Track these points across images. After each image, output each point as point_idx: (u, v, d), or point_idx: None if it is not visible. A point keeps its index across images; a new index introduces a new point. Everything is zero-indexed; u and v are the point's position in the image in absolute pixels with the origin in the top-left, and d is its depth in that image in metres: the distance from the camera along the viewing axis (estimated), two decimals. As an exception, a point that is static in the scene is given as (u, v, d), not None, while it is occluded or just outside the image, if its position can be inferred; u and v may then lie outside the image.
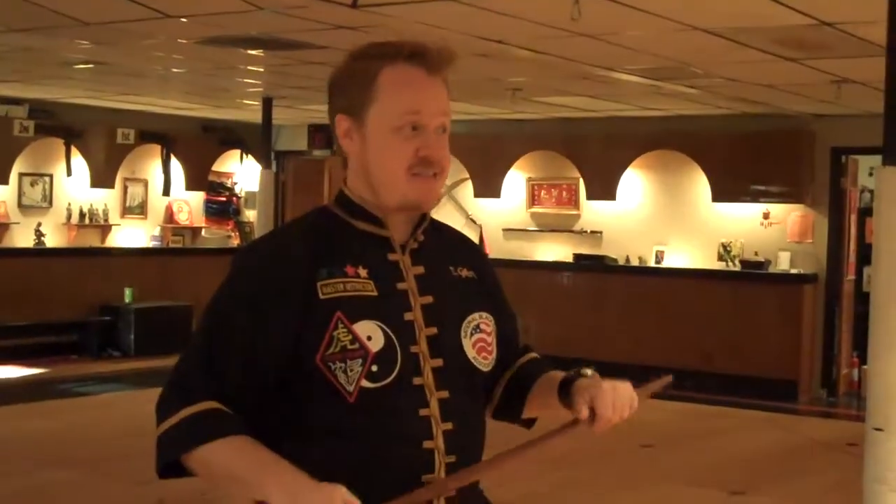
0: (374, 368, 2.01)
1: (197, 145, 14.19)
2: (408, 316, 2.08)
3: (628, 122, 12.24)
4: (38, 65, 9.70)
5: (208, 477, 2.03)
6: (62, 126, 12.81)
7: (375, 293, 2.06)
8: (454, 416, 2.08)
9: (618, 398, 2.09)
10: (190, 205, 14.38)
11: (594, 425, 2.08)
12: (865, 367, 11.19)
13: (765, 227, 11.87)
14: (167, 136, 13.79)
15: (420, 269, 2.13)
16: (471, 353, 2.13)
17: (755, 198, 11.75)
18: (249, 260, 2.15)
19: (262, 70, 9.86)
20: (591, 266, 12.53)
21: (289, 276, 2.04)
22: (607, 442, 2.18)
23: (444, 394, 2.08)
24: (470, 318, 2.15)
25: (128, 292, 13.00)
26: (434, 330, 2.09)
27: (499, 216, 13.17)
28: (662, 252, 12.33)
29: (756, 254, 11.82)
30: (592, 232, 12.69)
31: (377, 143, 2.08)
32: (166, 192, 13.92)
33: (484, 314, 2.18)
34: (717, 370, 11.68)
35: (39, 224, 12.75)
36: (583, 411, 2.08)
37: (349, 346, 2.00)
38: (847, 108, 10.22)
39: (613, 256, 12.48)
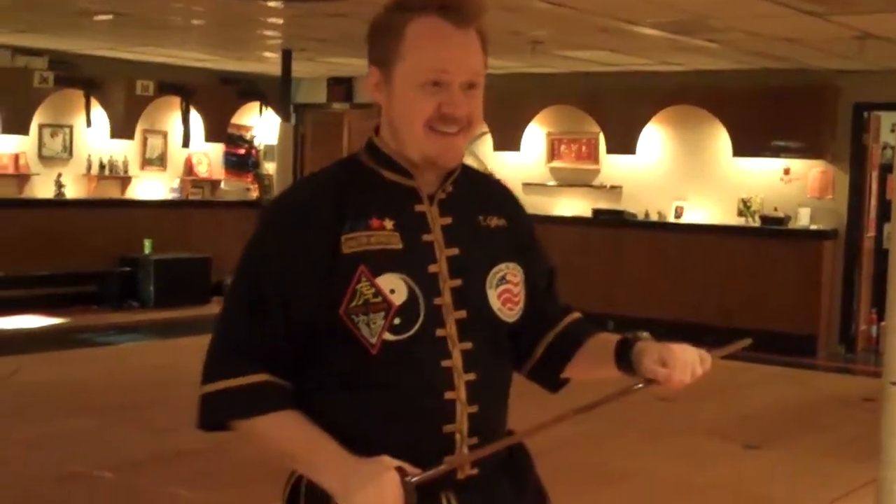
0: (397, 321, 2.01)
1: (216, 97, 14.19)
2: (432, 268, 2.06)
3: (648, 76, 12.18)
4: (58, 15, 9.70)
5: (260, 448, 2.06)
6: (82, 77, 12.82)
7: (400, 246, 2.05)
8: (477, 367, 2.07)
9: (688, 357, 2.08)
10: (209, 157, 14.40)
11: (669, 385, 2.07)
12: (884, 323, 11.23)
13: (785, 183, 11.82)
14: (186, 87, 13.78)
15: (447, 220, 2.11)
16: (495, 304, 2.10)
17: (776, 153, 11.69)
18: (276, 217, 2.13)
19: (281, 22, 9.83)
20: (611, 221, 12.51)
21: (314, 231, 2.04)
22: (631, 396, 2.17)
23: (468, 345, 2.07)
24: (496, 268, 2.13)
25: (147, 244, 13.04)
26: (459, 282, 2.08)
27: (518, 170, 13.14)
28: (682, 207, 12.30)
29: (776, 209, 11.78)
30: (612, 187, 12.67)
31: (402, 98, 2.06)
32: (185, 144, 13.94)
33: (511, 265, 2.15)
34: (736, 325, 11.64)
35: (60, 175, 12.81)
36: (659, 372, 2.06)
37: (372, 300, 2.00)
38: (870, 63, 10.15)
39: (633, 211, 12.46)
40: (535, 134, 13.06)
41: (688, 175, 12.32)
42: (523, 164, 13.16)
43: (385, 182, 2.11)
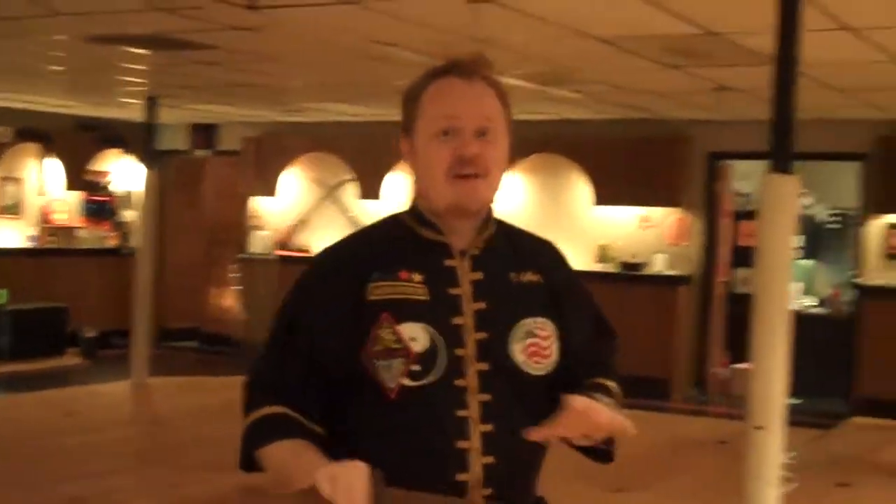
0: (416, 368, 2.09)
1: (75, 144, 13.95)
2: (457, 320, 2.14)
3: (513, 125, 12.38)
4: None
5: (270, 473, 2.13)
6: (-65, 123, 12.52)
7: (426, 297, 2.14)
8: (496, 418, 2.13)
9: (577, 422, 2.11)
10: (67, 204, 14.14)
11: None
12: (736, 366, 11.60)
13: (643, 230, 12.17)
14: (45, 134, 13.53)
15: (478, 275, 2.20)
16: (520, 357, 2.17)
17: (634, 201, 12.04)
18: (313, 267, 2.28)
19: (145, 69, 9.75)
20: (474, 267, 12.64)
21: (345, 280, 2.16)
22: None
23: (487, 397, 2.13)
24: (522, 322, 2.20)
25: (2, 294, 12.71)
26: (484, 334, 2.15)
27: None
28: (543, 254, 12.52)
29: (634, 256, 12.10)
30: (474, 234, 12.84)
31: (422, 153, 2.20)
32: (43, 191, 13.68)
33: (540, 319, 2.22)
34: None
35: (-90, 223, 12.45)
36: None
37: (393, 346, 2.09)
38: (723, 114, 10.55)
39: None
40: (398, 181, 13.17)
41: (550, 222, 12.54)
42: (385, 212, 13.22)
43: (419, 238, 2.23)
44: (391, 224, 2.30)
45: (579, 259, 12.34)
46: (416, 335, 2.11)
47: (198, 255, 14.77)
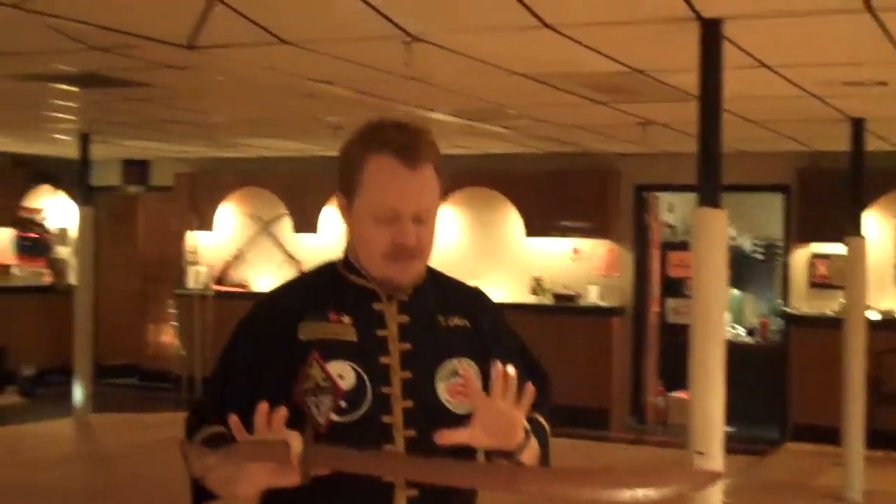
0: (343, 404, 2.21)
1: (7, 180, 13.90)
2: (384, 360, 2.28)
3: (442, 159, 12.52)
4: None
5: (216, 486, 2.20)
6: None
7: (354, 339, 2.28)
8: (418, 453, 2.24)
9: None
10: (0, 242, 14.06)
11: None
12: (671, 394, 11.79)
13: (574, 262, 12.35)
14: (-25, 171, 13.50)
15: (405, 318, 2.34)
16: (444, 395, 2.29)
17: (564, 233, 12.23)
18: (253, 310, 2.40)
19: (77, 106, 9.76)
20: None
21: (280, 322, 2.29)
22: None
23: (412, 432, 2.25)
24: (447, 363, 2.33)
25: (-65, 332, 12.65)
26: (409, 374, 2.28)
27: (317, 251, 13.29)
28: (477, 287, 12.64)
29: (566, 287, 12.27)
30: (409, 267, 12.94)
31: (360, 228, 2.33)
32: (-26, 228, 13.61)
33: (465, 360, 2.35)
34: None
35: None
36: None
37: (321, 383, 2.20)
38: (650, 147, 10.77)
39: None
40: (333, 215, 13.25)
41: (482, 254, 12.73)
42: (322, 246, 13.31)
43: (350, 284, 2.35)
44: (325, 271, 2.44)
45: (513, 291, 12.51)
46: (343, 373, 2.24)
47: (134, 291, 14.73)
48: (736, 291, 13.97)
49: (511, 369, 2.19)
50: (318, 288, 2.38)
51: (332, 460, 2.10)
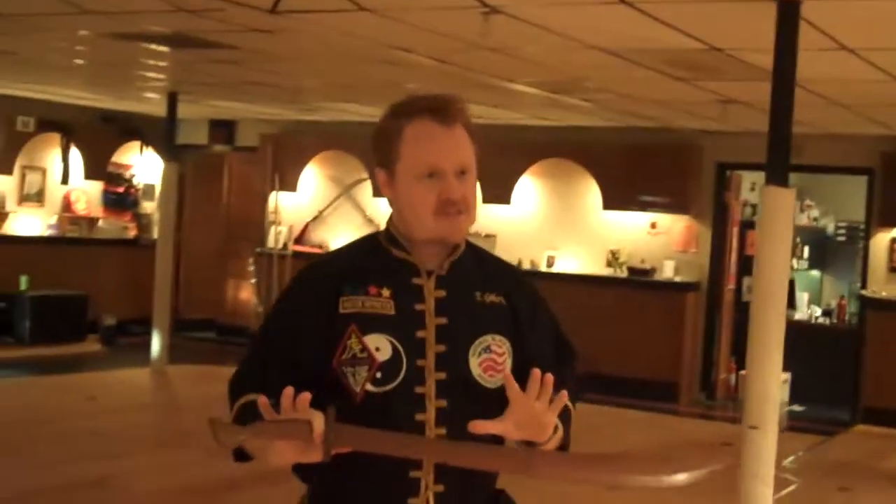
0: (379, 375, 2.32)
1: (97, 135, 14.22)
2: (420, 333, 2.37)
3: (524, 130, 12.62)
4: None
5: (255, 453, 2.31)
6: (-39, 112, 12.79)
7: (392, 312, 2.37)
8: (448, 423, 2.33)
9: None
10: (88, 194, 14.41)
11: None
12: (742, 372, 11.78)
13: (652, 236, 12.34)
14: (67, 125, 13.80)
15: (442, 293, 2.42)
16: (476, 370, 2.37)
17: (643, 207, 12.22)
18: (296, 279, 2.52)
19: (167, 65, 9.98)
20: (484, 268, 12.82)
21: (321, 294, 2.39)
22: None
23: (443, 403, 2.35)
24: (481, 339, 2.40)
25: (23, 280, 13.00)
26: (443, 347, 2.37)
27: (395, 216, 13.43)
28: (553, 257, 12.73)
29: (643, 261, 12.28)
30: (487, 236, 13.01)
31: (406, 192, 2.39)
32: (65, 181, 13.94)
33: (498, 337, 2.42)
34: (602, 372, 12.09)
35: (-65, 209, 12.73)
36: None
37: (359, 355, 2.32)
38: (731, 126, 10.72)
39: (506, 260, 12.79)
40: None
41: (560, 226, 12.78)
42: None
43: (391, 258, 2.44)
44: (367, 243, 2.52)
45: (589, 263, 12.55)
46: (380, 345, 2.34)
47: (215, 248, 15.01)
48: (815, 272, 13.88)
49: (549, 377, 2.25)
50: (361, 261, 2.46)
51: (353, 439, 2.21)
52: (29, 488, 6.88)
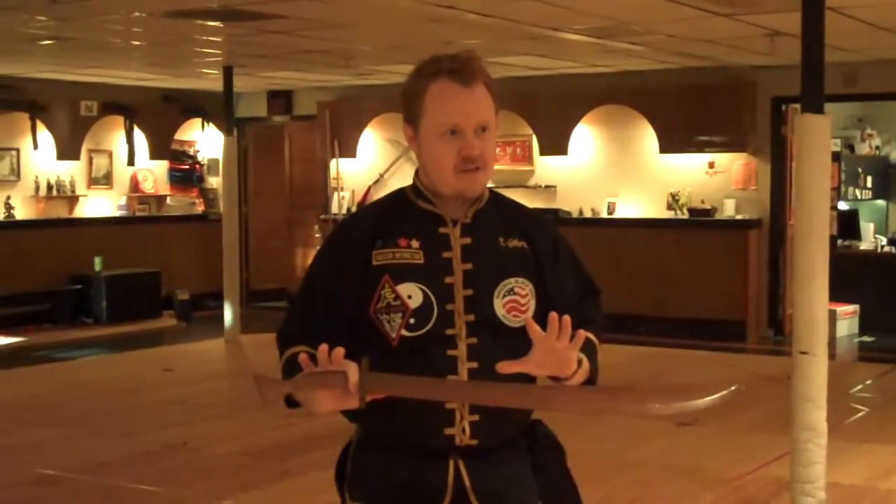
0: (412, 321, 2.51)
1: (159, 115, 14.52)
2: (448, 279, 2.55)
3: (577, 78, 12.66)
4: (1, 41, 9.99)
5: (303, 402, 2.51)
6: (27, 100, 13.08)
7: (422, 261, 2.56)
8: (479, 357, 2.52)
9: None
10: (154, 173, 14.72)
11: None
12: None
13: (710, 176, 12.35)
14: (129, 106, 14.11)
15: (467, 240, 2.60)
16: (500, 311, 2.56)
17: (700, 148, 12.22)
18: (332, 236, 2.71)
19: (220, 40, 10.17)
20: (546, 219, 12.93)
21: (356, 246, 2.58)
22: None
23: (473, 340, 2.53)
24: (505, 282, 2.58)
25: (97, 261, 13.34)
26: (470, 291, 2.55)
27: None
28: (614, 203, 12.81)
29: (703, 202, 12.31)
30: (547, 186, 13.14)
31: (429, 148, 2.57)
32: (131, 162, 14.24)
33: (521, 280, 2.60)
34: (669, 315, 12.19)
35: (9, 197, 13.06)
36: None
37: (392, 303, 2.52)
38: (783, 59, 10.67)
39: (567, 209, 12.92)
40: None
41: (618, 172, 12.83)
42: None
43: (418, 210, 2.62)
44: (396, 198, 2.69)
45: (649, 207, 12.60)
46: (412, 293, 2.53)
47: (281, 218, 15.27)
48: (881, 201, 13.81)
49: (566, 318, 2.41)
50: (390, 215, 2.63)
51: (385, 386, 2.41)
52: (110, 458, 7.15)
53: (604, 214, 12.83)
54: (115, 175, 14.26)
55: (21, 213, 13.22)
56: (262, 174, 15.48)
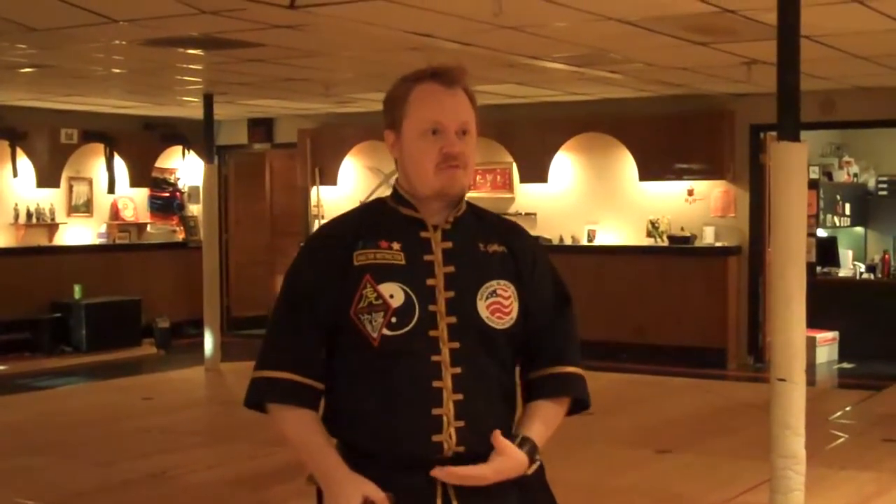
0: (394, 320, 2.53)
1: (139, 143, 14.51)
2: (430, 281, 2.57)
3: (556, 106, 12.71)
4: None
5: (279, 432, 2.62)
6: (7, 128, 13.06)
7: (403, 262, 2.58)
8: (463, 362, 2.54)
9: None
10: (135, 201, 14.69)
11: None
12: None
13: (689, 204, 12.40)
14: (110, 134, 14.10)
15: (448, 245, 2.63)
16: (484, 313, 2.58)
17: (679, 176, 12.27)
18: (308, 242, 2.74)
19: (201, 68, 10.17)
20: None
21: (335, 250, 2.60)
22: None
23: (455, 344, 2.55)
24: (487, 284, 2.61)
25: (77, 289, 13.29)
26: (452, 293, 2.57)
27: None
28: (594, 231, 12.84)
29: (682, 229, 12.35)
30: (527, 214, 13.15)
31: (410, 148, 2.61)
32: (111, 189, 14.22)
33: (503, 282, 2.63)
34: (649, 342, 12.21)
35: (-12, 225, 13.04)
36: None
37: (374, 302, 2.53)
38: (761, 87, 10.73)
39: (548, 237, 12.92)
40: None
41: (598, 199, 12.87)
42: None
43: (399, 215, 2.65)
44: (376, 205, 2.73)
45: (629, 235, 12.64)
46: (394, 293, 2.54)
47: (262, 245, 15.27)
48: (858, 229, 13.87)
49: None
50: (371, 219, 2.66)
51: None
52: (87, 487, 7.12)
53: (584, 242, 12.86)
54: (96, 203, 14.23)
55: (0, 241, 13.17)
56: (243, 202, 15.48)
